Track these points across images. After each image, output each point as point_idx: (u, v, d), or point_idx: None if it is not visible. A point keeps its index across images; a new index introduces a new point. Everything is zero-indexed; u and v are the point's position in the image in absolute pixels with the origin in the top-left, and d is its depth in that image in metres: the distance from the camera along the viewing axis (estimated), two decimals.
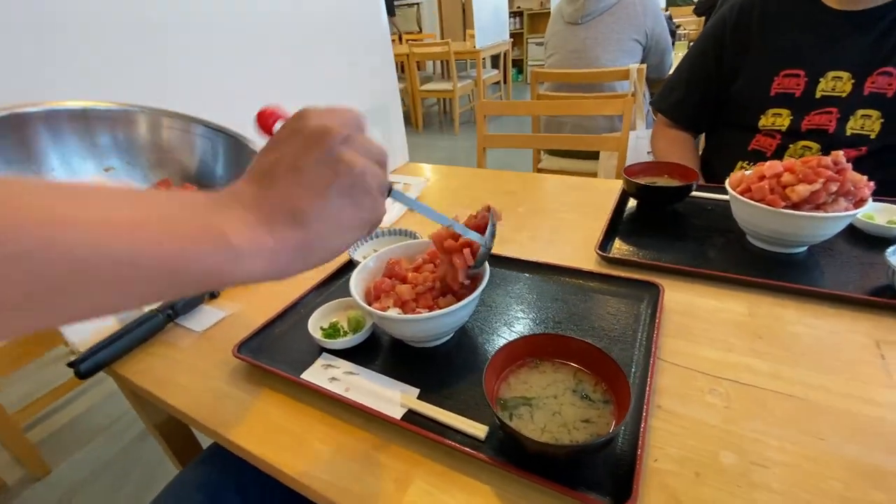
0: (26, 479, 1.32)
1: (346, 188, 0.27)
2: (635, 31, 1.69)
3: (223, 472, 0.57)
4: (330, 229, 0.27)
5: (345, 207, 0.27)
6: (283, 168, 0.27)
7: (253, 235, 0.25)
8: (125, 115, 0.43)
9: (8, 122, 0.36)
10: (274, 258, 0.25)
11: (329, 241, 0.27)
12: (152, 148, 0.44)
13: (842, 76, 0.80)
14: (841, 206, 0.57)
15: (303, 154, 0.27)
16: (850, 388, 0.44)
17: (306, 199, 0.26)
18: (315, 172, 0.27)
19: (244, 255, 0.24)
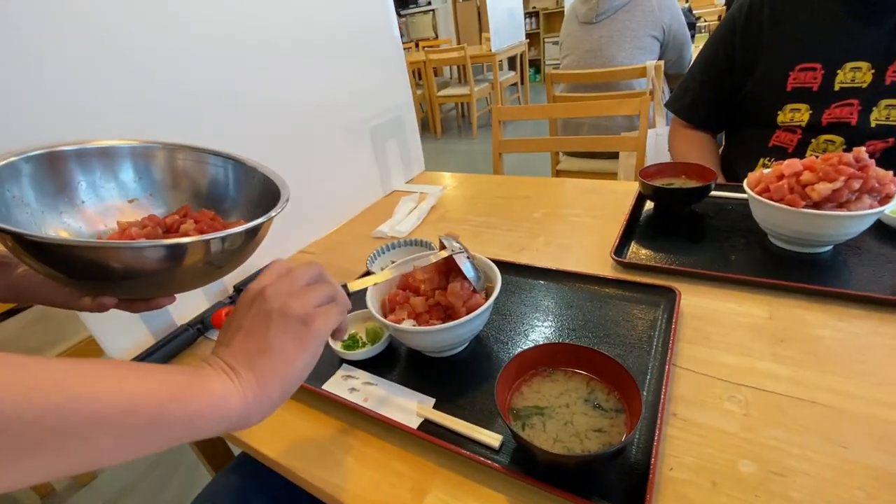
0: (74, 485, 1.40)
1: (281, 327, 0.33)
2: (651, 27, 1.66)
3: (253, 478, 0.60)
4: (280, 362, 0.33)
5: (286, 341, 0.33)
6: (233, 331, 0.35)
7: (226, 383, 0.31)
8: (144, 151, 0.47)
9: (46, 158, 0.40)
10: (243, 398, 0.31)
11: (281, 369, 0.33)
12: (169, 175, 0.49)
13: (861, 66, 0.78)
14: (865, 203, 0.55)
15: (245, 315, 0.35)
16: (876, 394, 0.42)
17: (254, 347, 0.33)
18: (254, 325, 0.34)
19: (220, 398, 0.30)
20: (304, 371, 0.34)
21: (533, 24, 6.01)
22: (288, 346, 0.33)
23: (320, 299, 0.36)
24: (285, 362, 0.33)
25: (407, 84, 1.13)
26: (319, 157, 0.93)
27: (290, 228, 0.89)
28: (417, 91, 4.39)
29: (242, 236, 0.41)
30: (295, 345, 0.33)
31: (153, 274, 0.38)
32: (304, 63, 0.86)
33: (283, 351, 0.33)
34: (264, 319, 0.34)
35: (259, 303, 0.35)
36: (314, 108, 0.89)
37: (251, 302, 0.35)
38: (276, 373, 0.32)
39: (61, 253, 0.33)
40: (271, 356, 0.32)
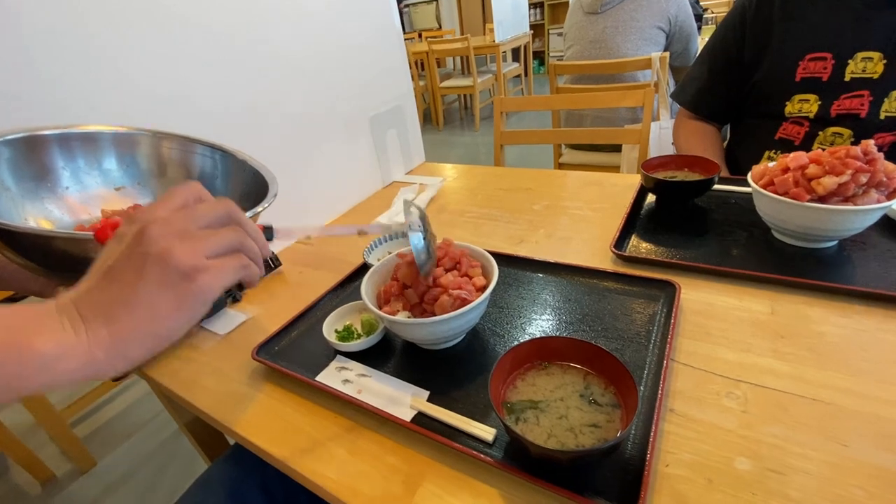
0: (74, 471, 1.41)
1: (155, 277, 0.27)
2: (657, 17, 1.64)
3: (247, 469, 0.59)
4: (145, 320, 0.27)
5: (158, 296, 0.27)
6: (99, 271, 0.28)
7: (62, 339, 0.26)
8: (129, 138, 0.46)
9: (26, 142, 0.39)
10: (89, 357, 0.26)
11: (147, 330, 0.27)
12: (155, 164, 0.47)
13: (872, 56, 0.76)
14: (872, 197, 0.54)
15: (115, 251, 0.28)
16: (878, 392, 0.41)
17: (116, 296, 0.27)
18: (124, 269, 0.27)
19: (53, 359, 0.25)
20: (177, 332, 0.29)
21: (537, 15, 5.94)
22: (160, 302, 0.27)
23: (218, 248, 0.30)
24: (153, 320, 0.27)
25: (408, 74, 1.11)
26: (318, 147, 0.92)
27: (287, 218, 0.87)
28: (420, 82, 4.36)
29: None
30: (169, 302, 0.27)
31: None
32: (303, 52, 0.84)
33: (152, 307, 0.27)
34: (137, 264, 0.27)
35: (136, 241, 0.28)
36: (313, 98, 0.88)
37: (128, 235, 0.28)
38: (137, 331, 0.27)
39: (35, 243, 0.32)
40: (135, 311, 0.27)
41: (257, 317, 0.68)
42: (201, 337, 0.65)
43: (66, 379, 0.26)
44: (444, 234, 0.56)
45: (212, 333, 0.65)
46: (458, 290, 0.49)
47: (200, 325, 0.67)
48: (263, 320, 0.66)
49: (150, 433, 1.51)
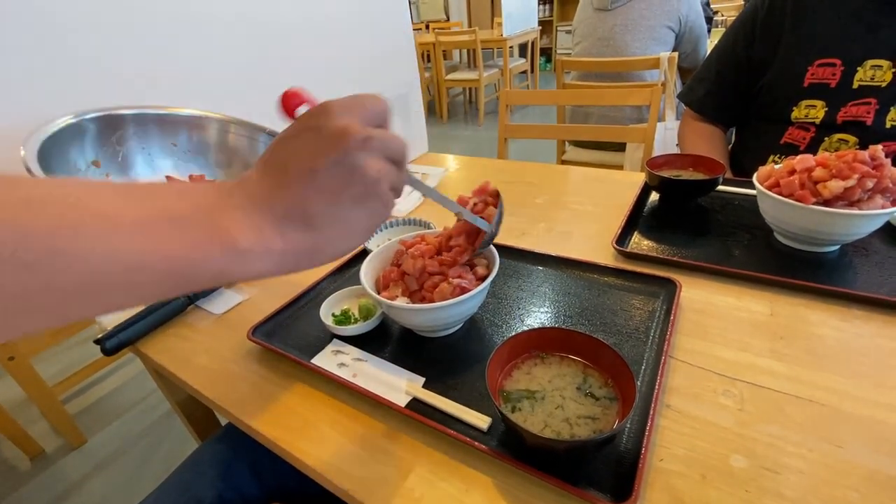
0: (64, 447, 1.41)
1: (359, 195, 0.27)
2: (668, 17, 1.62)
3: (238, 449, 0.59)
4: (340, 234, 0.27)
5: (356, 213, 0.27)
6: (297, 167, 0.26)
7: (262, 238, 0.25)
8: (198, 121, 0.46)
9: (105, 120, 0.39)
10: (282, 259, 0.26)
11: (338, 244, 0.28)
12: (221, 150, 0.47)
13: (881, 65, 0.75)
14: (877, 203, 0.54)
15: (319, 155, 0.26)
16: (874, 395, 0.41)
17: (319, 204, 0.26)
18: (329, 176, 0.26)
19: (252, 258, 0.25)
20: (350, 251, 0.29)
21: (546, 11, 5.91)
22: (356, 221, 0.27)
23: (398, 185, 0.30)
24: (348, 236, 0.27)
25: (414, 61, 1.10)
26: None
27: None
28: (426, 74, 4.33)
29: None
30: (362, 224, 0.28)
31: None
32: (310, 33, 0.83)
33: (349, 226, 0.27)
34: (343, 176, 0.26)
35: (344, 151, 0.26)
36: (319, 82, 0.87)
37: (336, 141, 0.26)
38: (330, 245, 0.27)
39: None
40: (335, 226, 0.27)
41: (254, 298, 0.67)
42: (197, 316, 0.64)
43: (252, 275, 0.25)
44: (445, 225, 0.56)
45: (207, 313, 0.65)
46: (459, 278, 0.48)
47: (196, 305, 0.66)
48: (260, 302, 0.66)
49: (142, 412, 1.51)
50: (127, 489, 1.27)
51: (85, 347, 1.80)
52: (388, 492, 0.38)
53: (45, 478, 1.33)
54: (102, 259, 0.21)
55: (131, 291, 0.22)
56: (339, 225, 0.27)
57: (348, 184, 0.26)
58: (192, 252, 0.23)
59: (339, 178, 0.26)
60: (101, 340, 0.57)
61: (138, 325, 0.60)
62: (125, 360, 1.70)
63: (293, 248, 0.26)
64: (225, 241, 0.24)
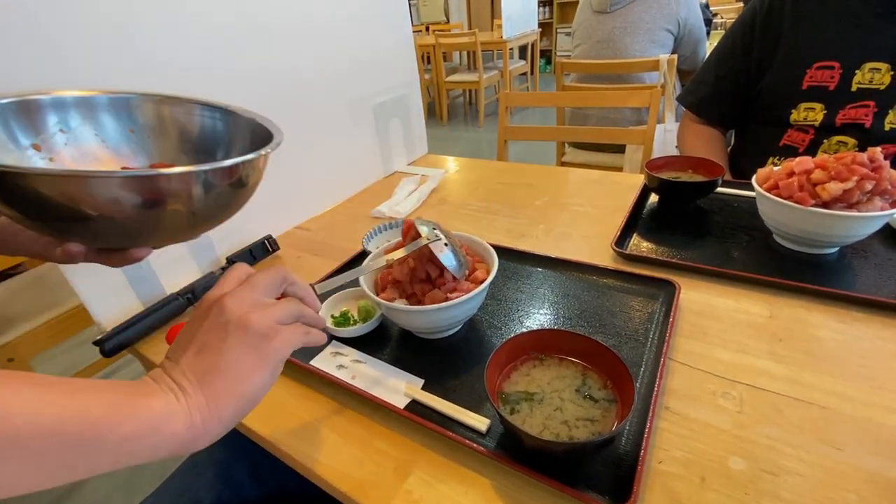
0: None
1: (238, 340, 0.30)
2: (667, 20, 1.63)
3: (236, 450, 0.59)
4: (234, 381, 0.30)
5: (243, 357, 0.30)
6: (184, 344, 0.31)
7: (168, 400, 0.28)
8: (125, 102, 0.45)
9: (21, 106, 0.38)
10: (190, 420, 0.28)
11: (236, 390, 0.30)
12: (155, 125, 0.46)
13: (880, 67, 0.75)
14: (876, 205, 0.54)
15: (199, 326, 0.31)
16: (874, 398, 0.41)
17: (206, 363, 0.30)
18: (208, 338, 0.31)
19: (160, 419, 0.27)
20: (262, 391, 0.31)
21: (546, 14, 5.92)
22: (245, 362, 0.30)
23: (284, 316, 0.33)
24: (241, 381, 0.30)
25: (414, 62, 1.10)
26: (320, 132, 0.91)
27: (287, 203, 0.87)
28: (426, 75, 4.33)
29: (223, 175, 0.36)
30: (253, 362, 0.30)
31: (118, 216, 0.33)
32: (309, 34, 0.83)
33: (239, 368, 0.30)
34: (220, 332, 0.31)
35: (216, 313, 0.31)
36: (317, 81, 0.87)
37: (206, 312, 0.32)
38: (229, 392, 0.29)
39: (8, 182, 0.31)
40: (225, 374, 0.30)
41: None
42: None
43: (169, 445, 0.27)
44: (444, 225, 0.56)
45: None
46: (454, 292, 0.48)
47: (194, 306, 0.66)
48: None
49: None
50: (126, 490, 1.27)
51: (84, 349, 1.79)
52: (386, 493, 0.38)
53: None
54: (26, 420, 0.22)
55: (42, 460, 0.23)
56: (230, 373, 0.30)
57: (224, 334, 0.30)
58: (109, 413, 0.25)
59: (215, 335, 0.31)
60: (101, 342, 0.57)
61: (138, 327, 0.60)
62: (125, 361, 1.70)
63: (196, 406, 0.28)
64: (140, 403, 0.27)
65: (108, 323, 0.62)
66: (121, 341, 0.58)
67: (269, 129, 0.44)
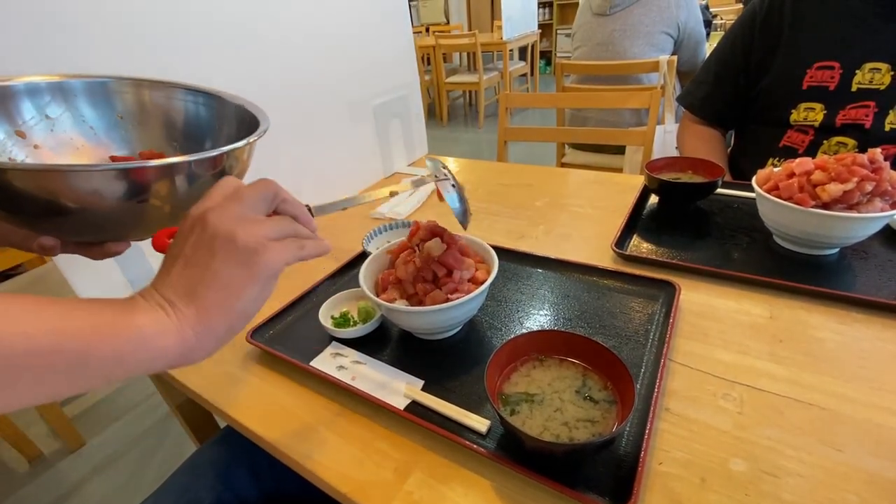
0: (62, 450, 1.40)
1: (226, 254, 0.29)
2: (666, 24, 1.63)
3: (237, 452, 0.59)
4: (224, 294, 0.29)
5: (232, 271, 0.29)
6: (171, 260, 0.30)
7: (157, 316, 0.28)
8: (103, 86, 0.44)
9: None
10: (181, 335, 0.28)
11: (227, 304, 0.29)
12: (134, 111, 0.45)
13: (880, 67, 0.76)
14: (876, 206, 0.54)
15: (185, 243, 0.30)
16: (874, 399, 0.41)
17: (195, 277, 0.29)
18: (196, 253, 0.30)
19: (152, 335, 0.27)
20: (254, 304, 0.31)
21: (546, 15, 5.92)
22: (235, 276, 0.29)
23: (273, 232, 0.32)
24: (231, 294, 0.29)
25: (414, 63, 1.11)
26: (321, 133, 0.91)
27: None
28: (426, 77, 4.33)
29: (207, 166, 0.35)
30: (243, 275, 0.29)
31: (94, 209, 0.32)
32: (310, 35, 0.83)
33: (229, 281, 0.29)
34: (207, 246, 0.29)
35: (200, 229, 0.30)
36: (317, 82, 0.87)
37: (191, 229, 0.30)
38: (220, 306, 0.29)
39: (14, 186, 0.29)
40: (215, 287, 0.29)
41: None
42: None
43: (162, 359, 0.27)
44: (444, 226, 0.56)
45: None
46: (455, 293, 0.48)
47: None
48: None
49: (141, 415, 1.51)
50: (125, 492, 1.27)
51: None
52: (386, 495, 0.38)
53: (43, 480, 1.32)
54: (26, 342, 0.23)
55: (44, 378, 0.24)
56: (220, 288, 0.29)
57: (213, 250, 0.29)
58: (103, 330, 0.25)
59: (203, 251, 0.29)
60: None
61: None
62: None
63: (185, 321, 0.28)
64: (130, 320, 0.27)
65: None
66: None
67: (255, 115, 0.43)
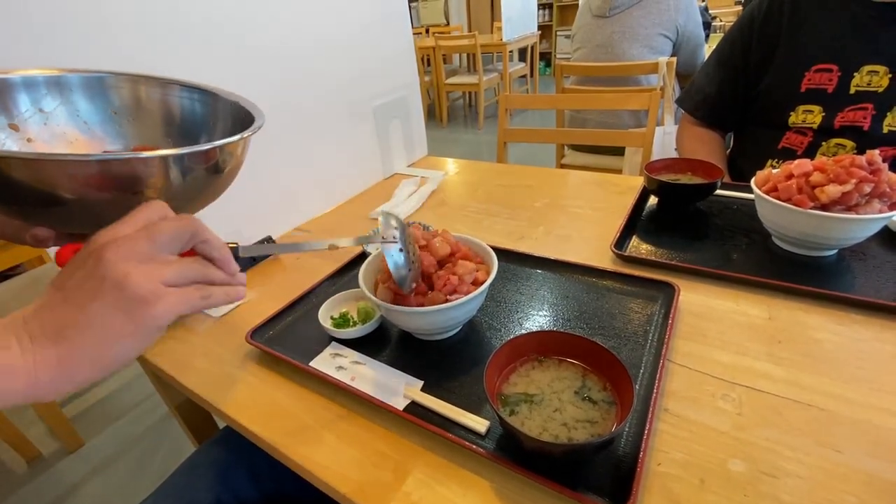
0: (61, 450, 1.40)
1: (110, 300, 0.26)
2: (664, 27, 1.63)
3: (236, 452, 0.59)
4: (95, 342, 0.27)
5: (111, 319, 0.27)
6: (54, 291, 0.28)
7: (5, 357, 0.25)
8: (99, 82, 0.44)
9: None
10: (33, 378, 0.25)
11: (96, 353, 0.27)
12: (130, 107, 0.45)
13: (878, 70, 0.76)
14: (875, 207, 0.54)
15: (72, 275, 0.27)
16: (873, 400, 0.41)
17: (68, 318, 0.26)
18: (79, 290, 0.27)
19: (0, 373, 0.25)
20: (127, 357, 0.28)
21: (546, 16, 5.93)
22: (111, 325, 0.27)
23: (178, 277, 0.29)
24: (102, 344, 0.27)
25: (414, 64, 1.11)
26: (321, 134, 0.91)
27: (287, 205, 0.87)
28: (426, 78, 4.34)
29: (200, 159, 0.34)
30: (121, 327, 0.27)
31: (88, 200, 0.31)
32: (310, 36, 0.84)
33: (104, 330, 0.26)
34: (93, 285, 0.27)
35: (94, 263, 0.27)
36: (317, 83, 0.87)
37: (85, 259, 0.27)
38: (86, 354, 0.26)
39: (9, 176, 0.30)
40: (85, 332, 0.26)
41: (252, 301, 0.67)
42: (196, 318, 0.64)
43: (6, 398, 0.25)
44: (444, 227, 0.56)
45: (206, 315, 0.65)
46: (454, 294, 0.48)
47: None
48: (258, 304, 0.66)
49: (140, 415, 1.51)
50: (124, 492, 1.26)
51: None
52: (385, 495, 0.38)
53: (42, 481, 1.32)
54: None
55: None
56: (92, 333, 0.26)
57: (96, 292, 0.26)
58: None
59: (86, 289, 0.27)
60: None
61: None
62: None
63: (44, 362, 0.26)
64: None
65: None
66: None
67: (250, 111, 0.43)
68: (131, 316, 0.27)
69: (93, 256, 0.27)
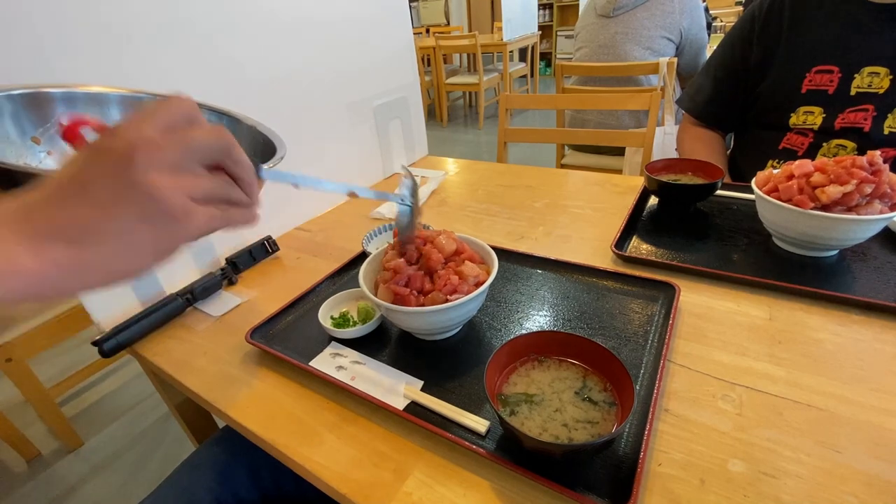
0: (61, 450, 1.40)
1: (139, 211, 0.24)
2: (668, 29, 1.63)
3: (236, 452, 0.59)
4: (114, 250, 0.24)
5: (137, 231, 0.24)
6: (73, 183, 0.24)
7: (12, 254, 0.22)
8: (134, 100, 0.45)
9: (30, 98, 0.38)
10: (40, 277, 0.23)
11: (113, 261, 0.25)
12: None
13: (879, 72, 0.76)
14: (875, 208, 0.54)
15: (97, 171, 0.24)
16: (873, 400, 0.41)
17: (88, 218, 0.24)
18: (102, 190, 0.24)
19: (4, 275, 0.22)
20: (144, 272, 0.26)
21: (546, 16, 5.93)
22: (136, 237, 0.24)
23: (208, 194, 0.26)
24: (123, 255, 0.24)
25: (414, 64, 1.11)
26: (321, 134, 0.91)
27: (287, 204, 0.87)
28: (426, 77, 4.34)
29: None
30: (145, 240, 0.24)
31: None
32: (310, 36, 0.84)
33: (127, 241, 0.24)
34: (120, 190, 0.24)
35: (123, 163, 0.24)
36: (318, 83, 0.87)
37: (109, 151, 0.24)
38: (103, 263, 0.24)
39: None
40: (107, 240, 0.24)
41: (252, 300, 0.67)
42: (195, 318, 0.64)
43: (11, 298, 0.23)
44: (445, 227, 0.56)
45: (206, 315, 0.65)
46: (454, 294, 0.48)
47: (195, 307, 0.66)
48: (258, 304, 0.66)
49: (139, 415, 1.51)
50: (123, 492, 1.26)
51: (82, 349, 1.79)
52: (385, 495, 0.38)
53: (41, 480, 1.32)
54: None
55: None
56: (114, 241, 0.24)
57: (123, 198, 0.24)
58: None
59: (111, 192, 0.24)
60: (100, 342, 0.57)
61: (136, 327, 0.60)
62: (123, 362, 1.69)
63: (55, 264, 0.23)
64: None
65: (107, 323, 0.62)
66: (120, 341, 0.58)
67: (271, 139, 0.44)
68: (159, 231, 0.25)
69: (118, 155, 0.24)
